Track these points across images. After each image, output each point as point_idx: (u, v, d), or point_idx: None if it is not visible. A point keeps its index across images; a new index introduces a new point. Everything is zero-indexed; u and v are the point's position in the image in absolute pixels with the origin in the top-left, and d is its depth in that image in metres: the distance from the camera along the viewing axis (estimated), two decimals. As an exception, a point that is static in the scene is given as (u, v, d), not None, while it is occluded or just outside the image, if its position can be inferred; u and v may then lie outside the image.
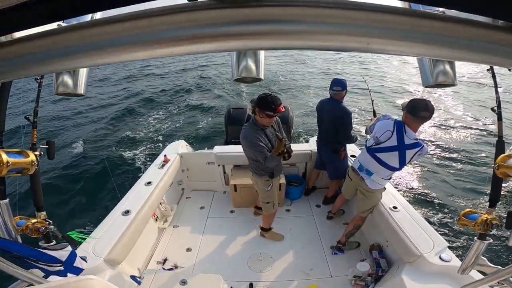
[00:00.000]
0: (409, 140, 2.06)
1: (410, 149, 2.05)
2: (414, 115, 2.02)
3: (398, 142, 2.09)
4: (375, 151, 2.22)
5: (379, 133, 2.19)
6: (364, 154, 2.33)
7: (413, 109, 2.03)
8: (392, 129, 2.12)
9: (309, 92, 11.13)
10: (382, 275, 2.20)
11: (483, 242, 1.21)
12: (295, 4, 0.37)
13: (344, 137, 2.86)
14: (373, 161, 2.24)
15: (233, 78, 0.52)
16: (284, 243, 2.73)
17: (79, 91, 0.65)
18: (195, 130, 7.88)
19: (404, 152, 2.07)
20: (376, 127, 2.27)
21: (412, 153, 2.06)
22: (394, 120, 2.17)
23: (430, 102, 2.02)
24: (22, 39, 0.41)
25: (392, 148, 2.12)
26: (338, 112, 2.77)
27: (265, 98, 2.06)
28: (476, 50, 0.41)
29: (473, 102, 9.16)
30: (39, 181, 1.31)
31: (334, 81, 2.82)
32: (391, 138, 2.12)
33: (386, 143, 2.14)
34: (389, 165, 2.17)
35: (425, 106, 1.99)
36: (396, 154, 2.10)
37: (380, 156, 2.19)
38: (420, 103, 2.02)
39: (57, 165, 5.94)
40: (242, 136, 2.22)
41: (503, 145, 1.22)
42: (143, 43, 0.39)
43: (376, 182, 2.28)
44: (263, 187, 2.44)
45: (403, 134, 2.07)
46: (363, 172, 2.34)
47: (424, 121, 2.06)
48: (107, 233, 2.11)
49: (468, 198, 4.55)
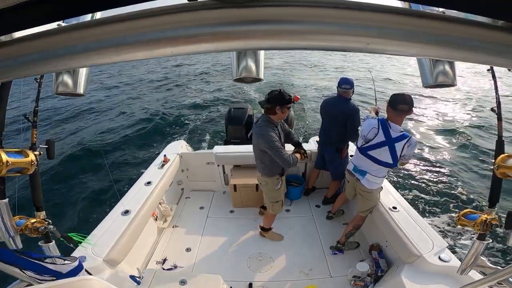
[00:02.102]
0: (395, 133, 2.13)
1: (398, 141, 2.11)
2: (393, 108, 2.10)
3: (386, 136, 2.15)
4: (367, 149, 2.27)
5: (366, 131, 2.27)
6: (357, 155, 2.37)
7: (392, 103, 2.11)
8: (377, 126, 2.21)
9: (309, 92, 11.13)
10: (381, 275, 2.20)
11: (483, 242, 1.21)
12: (295, 4, 0.37)
13: (352, 133, 2.89)
14: (366, 160, 2.28)
15: (233, 78, 0.52)
16: (284, 243, 2.73)
17: (79, 91, 0.65)
18: (195, 130, 7.87)
19: (393, 145, 2.13)
20: (362, 127, 2.36)
21: (401, 145, 2.10)
22: (377, 118, 2.26)
23: (408, 96, 2.10)
24: (22, 39, 0.41)
25: (382, 143, 2.17)
26: (349, 110, 2.83)
27: (281, 94, 2.13)
28: (476, 50, 0.41)
29: (473, 102, 9.16)
30: (39, 181, 1.31)
31: (343, 79, 2.86)
32: (378, 134, 2.19)
33: (375, 139, 2.21)
34: (383, 161, 2.20)
35: (403, 99, 2.07)
36: (387, 149, 2.16)
37: (372, 153, 2.24)
38: (398, 96, 2.10)
39: (57, 165, 5.94)
40: (261, 135, 2.17)
41: (503, 145, 1.22)
42: (143, 43, 0.39)
43: (371, 182, 2.30)
44: (273, 187, 2.44)
45: (388, 128, 2.15)
46: (357, 173, 2.38)
47: (404, 114, 2.12)
48: (106, 233, 2.11)
49: (467, 198, 4.56)
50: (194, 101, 10.26)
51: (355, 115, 2.83)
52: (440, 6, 0.41)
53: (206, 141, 7.06)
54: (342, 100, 2.87)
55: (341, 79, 2.87)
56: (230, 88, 11.69)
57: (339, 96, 2.89)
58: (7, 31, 0.38)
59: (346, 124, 2.88)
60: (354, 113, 2.82)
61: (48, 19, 0.36)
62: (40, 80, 1.34)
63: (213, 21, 0.38)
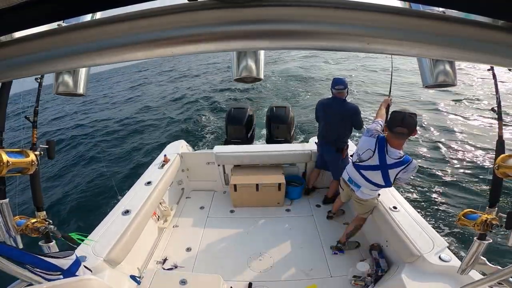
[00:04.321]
0: (392, 159, 1.94)
1: (392, 168, 1.95)
2: (390, 130, 1.89)
3: (380, 161, 1.98)
4: (359, 167, 2.19)
5: (361, 150, 2.12)
6: (351, 168, 2.31)
7: (389, 123, 1.90)
8: (373, 148, 2.01)
9: (310, 92, 11.13)
10: (381, 275, 2.19)
11: (483, 242, 1.21)
12: (295, 4, 0.37)
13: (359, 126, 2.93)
14: (359, 176, 2.23)
15: (233, 78, 0.52)
16: (284, 243, 2.73)
17: (79, 91, 0.65)
18: (195, 129, 7.88)
19: (386, 171, 1.98)
20: (359, 143, 2.22)
21: (396, 172, 1.96)
22: (376, 137, 2.03)
23: (409, 116, 1.82)
24: (22, 39, 0.41)
25: (374, 167, 2.04)
26: (349, 110, 2.84)
27: None
28: (476, 50, 0.41)
29: (473, 101, 9.15)
30: (39, 181, 1.31)
31: (336, 80, 2.87)
32: (372, 158, 2.02)
33: (368, 161, 2.07)
34: (374, 182, 2.14)
35: (401, 121, 1.81)
36: (379, 173, 2.04)
37: (365, 173, 2.17)
38: (397, 117, 1.84)
39: (57, 165, 5.94)
40: None
41: (503, 145, 1.22)
42: (143, 43, 0.39)
43: (366, 194, 2.28)
44: None
45: (385, 153, 1.95)
46: (352, 184, 2.35)
47: (402, 137, 1.89)
48: (107, 233, 2.11)
49: (468, 198, 4.55)
50: (194, 102, 10.26)
51: (357, 114, 2.84)
52: (440, 6, 0.41)
53: (206, 141, 7.07)
54: (338, 101, 2.86)
55: (335, 80, 2.88)
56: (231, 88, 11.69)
57: (334, 97, 2.89)
58: (7, 31, 0.38)
59: (345, 124, 2.88)
60: (355, 113, 2.83)
61: (48, 19, 0.36)
62: (40, 80, 1.34)
63: (213, 21, 0.38)
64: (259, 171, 3.26)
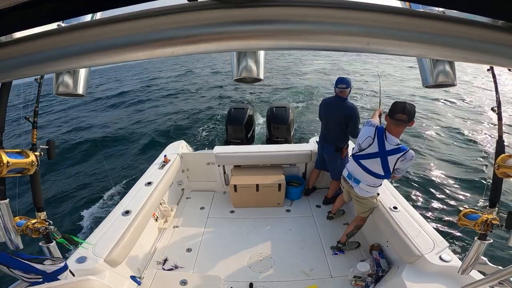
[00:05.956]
0: (390, 145, 2.02)
1: (391, 154, 2.02)
2: (391, 117, 1.99)
3: (379, 148, 2.06)
4: (359, 158, 2.23)
5: (361, 139, 2.20)
6: (352, 162, 2.35)
7: (391, 111, 1.99)
8: (372, 135, 2.11)
9: (310, 92, 11.13)
10: (382, 275, 2.19)
11: (484, 242, 1.21)
12: (295, 4, 0.37)
13: (354, 131, 2.90)
14: (359, 168, 2.25)
15: (233, 78, 0.52)
16: (284, 243, 2.73)
17: (79, 91, 0.65)
18: (196, 130, 7.88)
19: (385, 158, 2.04)
20: (360, 133, 2.29)
21: (395, 159, 2.01)
22: (375, 126, 2.14)
23: (410, 105, 1.95)
24: (22, 39, 0.41)
25: (374, 154, 2.10)
26: (347, 109, 2.84)
27: None
28: (476, 50, 0.41)
29: (473, 101, 9.15)
30: (39, 181, 1.31)
31: (339, 79, 2.89)
32: (372, 145, 2.10)
33: (368, 149, 2.14)
34: (374, 172, 2.16)
35: (402, 109, 1.93)
36: (379, 161, 2.08)
37: (364, 163, 2.20)
38: (398, 105, 1.97)
39: (57, 165, 5.95)
40: None
41: (503, 145, 1.22)
42: (143, 43, 0.39)
43: (364, 190, 2.29)
44: None
45: (384, 140, 2.05)
46: (351, 180, 2.37)
47: (402, 124, 1.99)
48: (107, 233, 2.11)
49: (468, 198, 4.55)
50: (194, 101, 10.26)
51: (353, 113, 2.84)
52: (440, 6, 0.41)
53: (206, 141, 7.07)
54: (340, 99, 2.89)
55: (338, 79, 2.90)
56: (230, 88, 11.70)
57: (337, 96, 2.91)
58: (7, 31, 0.38)
59: (345, 124, 2.89)
60: (352, 112, 2.84)
61: (48, 19, 0.36)
62: (40, 80, 1.33)
63: (213, 21, 0.38)
64: (259, 171, 3.26)
